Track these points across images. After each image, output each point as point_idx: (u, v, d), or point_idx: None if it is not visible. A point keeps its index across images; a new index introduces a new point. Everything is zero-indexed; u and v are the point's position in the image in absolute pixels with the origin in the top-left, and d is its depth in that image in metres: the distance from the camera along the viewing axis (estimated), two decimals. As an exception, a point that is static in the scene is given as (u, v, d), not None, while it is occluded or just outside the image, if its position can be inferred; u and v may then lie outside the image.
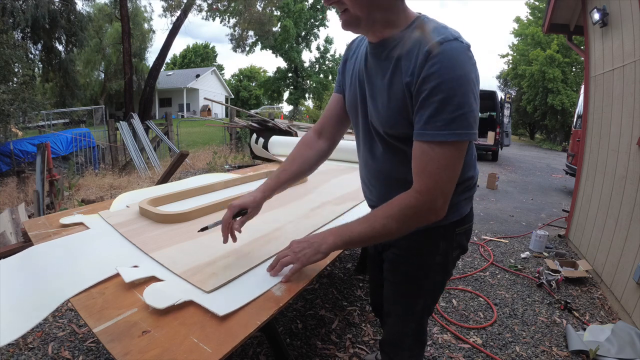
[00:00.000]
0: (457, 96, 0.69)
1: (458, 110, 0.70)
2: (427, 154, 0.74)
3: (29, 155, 6.31)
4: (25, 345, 1.67)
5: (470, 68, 0.71)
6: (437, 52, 0.70)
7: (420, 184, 0.76)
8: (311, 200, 1.67)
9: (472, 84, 0.70)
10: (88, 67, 18.89)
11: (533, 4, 18.62)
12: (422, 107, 0.73)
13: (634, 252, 2.06)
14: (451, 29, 0.74)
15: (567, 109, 16.43)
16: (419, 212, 0.77)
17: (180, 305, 0.76)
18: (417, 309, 1.01)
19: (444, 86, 0.69)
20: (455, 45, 0.70)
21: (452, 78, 0.69)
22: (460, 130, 0.71)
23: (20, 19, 9.76)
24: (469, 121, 0.71)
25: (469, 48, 0.73)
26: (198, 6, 14.82)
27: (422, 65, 0.71)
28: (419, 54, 0.72)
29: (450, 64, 0.69)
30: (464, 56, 0.71)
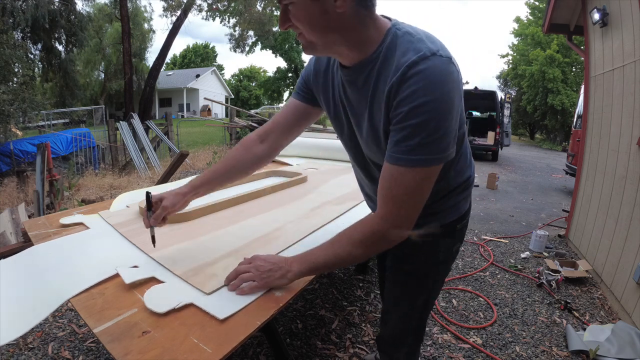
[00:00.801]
0: (433, 120, 0.64)
1: (433, 134, 0.65)
2: (395, 177, 0.70)
3: (29, 155, 6.31)
4: (25, 345, 1.67)
5: (451, 85, 0.65)
6: (412, 72, 0.64)
7: (386, 210, 0.72)
8: (311, 200, 1.66)
9: (450, 103, 0.65)
10: (88, 67, 18.89)
11: (533, 4, 18.62)
12: (396, 130, 0.68)
13: (634, 252, 2.06)
14: (428, 42, 0.67)
15: (567, 109, 16.43)
16: (383, 237, 0.74)
17: (180, 306, 0.76)
18: (418, 305, 1.02)
19: (419, 110, 0.64)
20: (432, 63, 0.64)
21: (428, 101, 0.63)
22: (432, 156, 0.67)
23: (20, 19, 9.76)
24: (444, 144, 0.67)
25: (450, 60, 0.66)
26: (198, 6, 14.81)
27: (397, 88, 0.66)
28: (395, 74, 0.66)
29: (427, 85, 0.63)
30: (443, 73, 0.64)
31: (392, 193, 0.71)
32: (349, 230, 0.79)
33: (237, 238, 1.16)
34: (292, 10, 0.67)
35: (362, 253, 0.77)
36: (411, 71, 0.64)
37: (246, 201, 1.59)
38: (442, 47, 0.68)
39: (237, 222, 1.32)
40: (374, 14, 0.71)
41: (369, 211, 1.54)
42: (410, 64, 0.65)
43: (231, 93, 32.95)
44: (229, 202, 1.50)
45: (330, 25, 0.67)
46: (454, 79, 0.66)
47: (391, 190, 0.71)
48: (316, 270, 0.82)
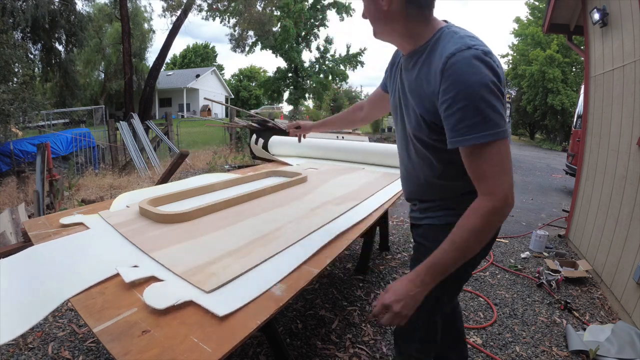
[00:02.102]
0: (477, 101, 0.74)
1: (482, 112, 0.74)
2: (479, 158, 0.78)
3: (29, 155, 6.30)
4: (25, 345, 1.67)
5: (486, 72, 0.75)
6: (451, 63, 0.76)
7: (486, 186, 0.79)
8: (311, 200, 1.66)
9: (489, 87, 0.75)
10: (88, 67, 18.88)
11: (533, 4, 18.61)
12: (449, 116, 0.79)
13: (634, 252, 2.06)
14: (468, 39, 0.79)
15: (567, 109, 16.42)
16: (499, 212, 0.79)
17: (180, 305, 0.76)
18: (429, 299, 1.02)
19: (461, 95, 0.75)
20: (467, 54, 0.76)
21: (468, 85, 0.74)
22: (492, 130, 0.75)
23: (20, 19, 9.76)
24: (495, 119, 0.75)
25: (485, 53, 0.77)
26: (198, 6, 14.81)
27: (440, 78, 0.78)
28: (437, 67, 0.79)
29: (463, 73, 0.75)
30: (477, 61, 0.75)
31: (482, 171, 0.79)
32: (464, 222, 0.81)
33: (237, 238, 1.16)
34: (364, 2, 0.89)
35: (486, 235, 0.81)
36: (451, 61, 0.77)
37: (246, 201, 1.59)
38: (480, 43, 0.79)
39: (237, 222, 1.32)
40: (426, 14, 0.86)
41: (369, 211, 1.55)
42: (449, 55, 0.77)
43: (231, 93, 32.94)
44: (229, 202, 1.50)
45: (382, 18, 0.87)
46: (491, 67, 0.76)
47: (480, 169, 0.79)
48: (448, 272, 0.84)
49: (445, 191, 0.98)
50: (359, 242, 2.70)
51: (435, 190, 0.99)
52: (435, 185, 0.98)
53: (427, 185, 1.00)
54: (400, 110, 1.01)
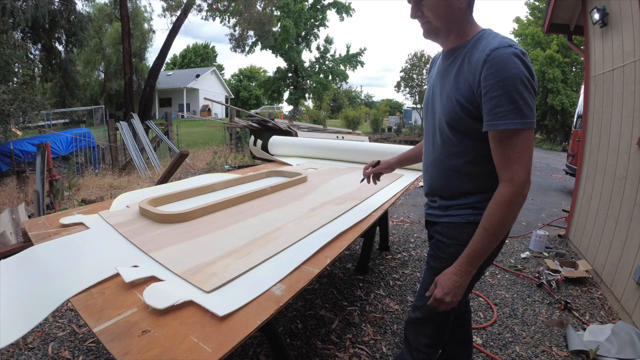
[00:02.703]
0: (512, 91, 0.83)
1: (516, 102, 0.83)
2: (508, 143, 0.87)
3: (29, 155, 6.31)
4: (25, 345, 1.67)
5: (524, 68, 0.84)
6: (493, 55, 0.85)
7: (509, 171, 0.88)
8: (311, 200, 1.66)
9: (524, 81, 0.84)
10: (88, 67, 18.88)
11: (533, 4, 18.61)
12: (486, 101, 0.87)
13: (634, 252, 2.06)
14: (508, 39, 0.89)
15: (567, 109, 16.41)
16: (520, 196, 0.88)
17: (180, 305, 0.76)
18: None
19: (500, 83, 0.84)
20: (508, 50, 0.85)
21: (507, 76, 0.83)
22: (522, 119, 0.84)
23: (20, 19, 9.76)
24: (526, 112, 0.85)
25: (523, 53, 0.86)
26: (198, 6, 14.82)
27: (482, 67, 0.87)
28: (480, 58, 0.88)
29: (504, 65, 0.84)
30: (516, 58, 0.84)
31: (507, 157, 0.88)
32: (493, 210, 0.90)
33: (237, 238, 1.16)
34: (426, 3, 0.94)
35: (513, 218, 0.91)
36: (494, 53, 0.86)
37: (246, 201, 1.59)
38: (518, 44, 0.89)
39: (237, 222, 1.32)
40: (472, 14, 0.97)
41: (369, 211, 1.55)
42: (493, 48, 0.86)
43: (231, 93, 32.94)
44: (229, 202, 1.50)
45: (452, 16, 0.94)
46: (526, 66, 0.85)
47: (505, 155, 0.88)
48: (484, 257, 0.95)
49: (472, 183, 1.02)
50: (359, 242, 2.70)
51: (462, 181, 1.03)
52: (461, 174, 1.02)
53: (452, 175, 1.03)
54: (432, 102, 1.08)
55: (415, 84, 20.03)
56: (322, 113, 22.40)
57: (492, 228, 0.90)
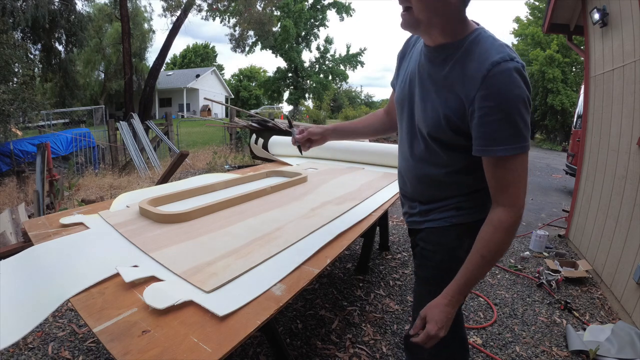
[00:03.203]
0: (515, 114, 0.76)
1: (517, 126, 0.76)
2: (505, 168, 0.80)
3: (29, 155, 6.31)
4: (25, 345, 1.67)
5: (526, 87, 0.77)
6: (495, 72, 0.75)
7: (508, 197, 0.82)
8: (311, 200, 1.66)
9: (525, 102, 0.77)
10: (88, 67, 18.88)
11: (533, 4, 18.61)
12: (483, 124, 0.79)
13: (634, 252, 2.06)
14: (508, 49, 0.79)
15: (567, 109, 16.42)
16: (517, 222, 0.83)
17: (180, 305, 0.76)
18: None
19: (501, 106, 0.76)
20: (510, 66, 0.76)
21: (509, 98, 0.75)
22: (522, 143, 0.78)
23: (20, 19, 9.76)
24: (526, 134, 0.78)
25: (524, 67, 0.78)
26: (198, 6, 14.82)
27: (481, 83, 0.77)
28: (479, 70, 0.77)
29: (508, 85, 0.75)
30: (518, 76, 0.76)
31: (506, 182, 0.81)
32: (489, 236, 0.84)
33: (237, 238, 1.16)
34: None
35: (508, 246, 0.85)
36: (495, 70, 0.75)
37: (246, 201, 1.59)
38: (517, 55, 0.80)
39: (237, 222, 1.32)
40: (465, 11, 0.84)
41: (369, 211, 1.55)
42: (494, 63, 0.76)
43: (231, 93, 32.94)
44: (229, 202, 1.50)
45: (440, 11, 0.80)
46: (527, 83, 0.78)
47: (505, 180, 0.81)
48: (477, 282, 0.89)
49: (453, 189, 0.96)
50: (359, 242, 2.70)
51: (443, 188, 0.97)
52: (443, 183, 0.96)
53: (435, 183, 0.97)
54: (410, 103, 0.96)
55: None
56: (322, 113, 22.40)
57: (490, 255, 0.84)
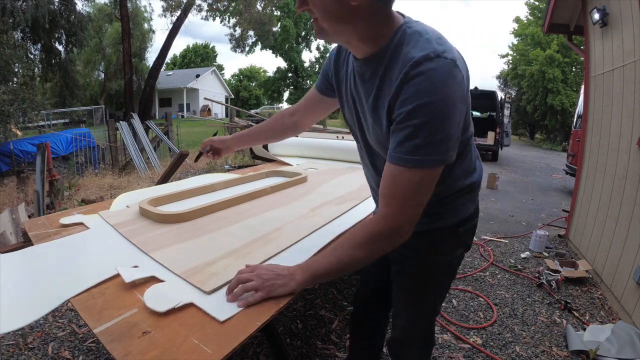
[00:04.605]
0: (433, 122, 0.65)
1: (434, 135, 0.66)
2: (396, 177, 0.70)
3: (29, 155, 6.30)
4: (25, 345, 1.67)
5: (454, 88, 0.65)
6: (416, 72, 0.65)
7: (387, 210, 0.73)
8: (311, 200, 1.66)
9: (452, 107, 0.66)
10: (88, 67, 18.89)
11: (533, 4, 18.62)
12: (399, 130, 0.68)
13: (634, 252, 2.06)
14: (436, 43, 0.67)
15: (567, 109, 16.43)
16: (385, 237, 0.74)
17: (180, 306, 0.76)
18: (426, 310, 1.02)
19: (420, 110, 0.65)
20: (437, 65, 0.64)
21: (429, 102, 0.64)
22: (431, 157, 0.67)
23: (20, 19, 9.75)
24: (444, 147, 0.68)
25: (455, 64, 0.66)
26: (198, 6, 14.82)
27: (400, 86, 0.67)
28: (399, 73, 0.67)
29: (430, 87, 0.64)
30: (447, 76, 0.65)
31: (393, 193, 0.72)
32: (350, 234, 0.79)
33: (237, 238, 1.16)
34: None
35: (365, 256, 0.76)
36: (414, 71, 0.65)
37: (246, 201, 1.59)
38: (450, 49, 0.68)
39: (237, 222, 1.32)
40: (390, 9, 0.71)
41: (369, 211, 1.55)
42: (413, 63, 0.65)
43: (231, 93, 32.94)
44: (229, 202, 1.50)
45: (344, 16, 0.68)
46: (457, 82, 0.66)
47: (392, 191, 0.72)
48: (320, 277, 0.79)
49: None
50: (359, 242, 2.69)
51: None
52: None
53: None
54: (360, 126, 0.89)
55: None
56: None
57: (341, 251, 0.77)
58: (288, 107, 1.21)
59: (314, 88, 1.06)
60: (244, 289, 0.77)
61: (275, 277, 0.79)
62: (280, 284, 0.79)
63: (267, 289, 0.78)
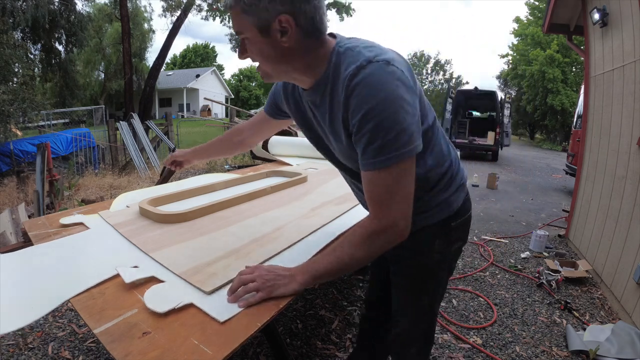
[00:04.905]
0: (385, 121, 0.68)
1: (391, 132, 0.69)
2: (374, 181, 0.74)
3: (29, 155, 6.30)
4: (25, 345, 1.67)
5: (393, 84, 0.68)
6: (354, 83, 0.69)
7: (377, 211, 0.75)
8: (311, 200, 1.66)
9: (399, 99, 0.68)
10: (88, 67, 18.87)
11: (533, 4, 18.62)
12: (358, 140, 0.73)
13: (634, 252, 2.06)
14: (366, 51, 0.71)
15: (567, 109, 16.43)
16: (382, 236, 0.76)
17: (180, 306, 0.76)
18: (425, 309, 1.03)
19: (369, 115, 0.68)
20: (371, 70, 0.68)
21: (375, 105, 0.67)
22: (398, 151, 0.70)
23: (20, 19, 9.74)
24: (406, 137, 0.70)
25: (388, 63, 0.69)
26: (198, 6, 14.81)
27: (346, 101, 0.71)
28: (342, 90, 0.72)
29: (370, 91, 0.68)
30: (382, 75, 0.68)
31: (376, 196, 0.75)
32: (349, 234, 0.81)
33: (237, 238, 1.16)
34: (247, 44, 0.74)
35: (364, 255, 0.77)
36: (352, 83, 0.69)
37: (246, 201, 1.59)
38: (380, 52, 0.71)
39: (237, 222, 1.32)
40: (321, 39, 0.75)
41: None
42: (350, 76, 0.69)
43: (231, 93, 32.94)
44: (229, 202, 1.50)
45: (280, 57, 0.74)
46: (396, 77, 0.69)
47: (375, 194, 0.75)
48: (320, 277, 0.81)
49: None
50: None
51: None
52: None
53: None
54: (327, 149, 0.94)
55: (415, 84, 20.08)
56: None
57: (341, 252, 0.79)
58: (238, 125, 1.28)
59: (263, 111, 1.12)
60: (246, 290, 0.79)
61: (275, 277, 0.81)
62: (280, 284, 0.80)
63: (268, 289, 0.79)
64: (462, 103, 11.14)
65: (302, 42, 0.73)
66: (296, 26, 0.70)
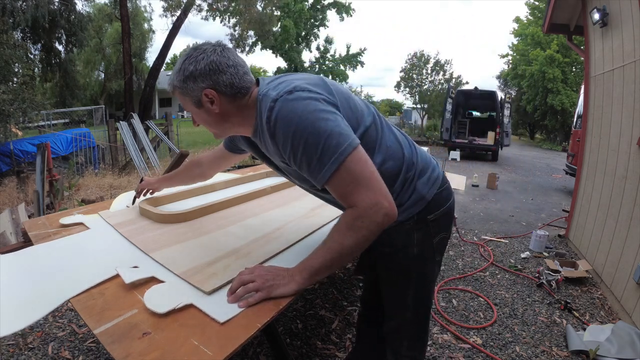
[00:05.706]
0: (309, 137, 0.75)
1: (319, 144, 0.75)
2: (335, 186, 0.79)
3: (29, 155, 6.30)
4: (25, 345, 1.67)
5: (301, 105, 0.76)
6: (272, 124, 0.78)
7: (350, 200, 0.79)
8: (311, 200, 1.66)
9: (311, 115, 0.75)
10: (88, 67, 18.86)
11: (533, 4, 18.60)
12: (300, 166, 0.80)
13: (634, 252, 2.06)
14: (274, 91, 0.79)
15: (567, 109, 16.41)
16: (366, 219, 0.78)
17: (180, 307, 0.76)
18: (408, 301, 1.04)
19: (294, 142, 0.76)
20: (277, 108, 0.77)
21: (294, 131, 0.75)
22: (336, 154, 0.75)
23: (20, 19, 9.73)
24: (336, 141, 0.75)
25: (291, 92, 0.77)
26: (198, 6, 14.79)
27: (274, 139, 0.80)
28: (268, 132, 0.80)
29: (283, 124, 0.76)
30: (288, 105, 0.76)
31: (344, 193, 0.79)
32: (335, 224, 0.84)
33: (237, 238, 1.16)
34: (193, 116, 0.91)
35: (354, 241, 0.79)
36: (270, 125, 0.78)
37: (246, 201, 1.59)
38: (285, 86, 0.80)
39: (237, 222, 1.32)
40: (245, 96, 0.86)
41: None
42: (267, 120, 0.79)
43: (231, 93, 32.88)
44: (229, 202, 1.50)
45: (218, 120, 0.88)
46: (302, 98, 0.77)
47: (342, 192, 0.79)
48: (317, 273, 0.84)
49: None
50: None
51: None
52: None
53: None
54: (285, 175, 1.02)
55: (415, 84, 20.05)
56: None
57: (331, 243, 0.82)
58: (198, 158, 1.37)
59: (222, 146, 1.23)
60: (246, 290, 0.81)
61: (275, 277, 0.83)
62: (280, 284, 0.82)
63: (268, 289, 0.81)
64: (462, 103, 11.14)
65: (230, 104, 0.85)
66: (219, 94, 0.83)
